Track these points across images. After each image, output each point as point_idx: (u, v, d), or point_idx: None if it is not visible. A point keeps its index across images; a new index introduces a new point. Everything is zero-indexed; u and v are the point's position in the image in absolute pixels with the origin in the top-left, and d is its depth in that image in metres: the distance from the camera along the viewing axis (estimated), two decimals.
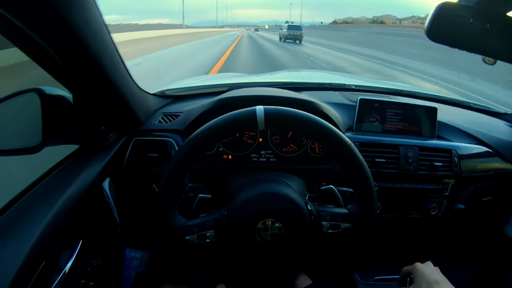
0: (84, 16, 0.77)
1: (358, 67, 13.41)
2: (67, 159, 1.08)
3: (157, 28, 51.79)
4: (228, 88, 1.58)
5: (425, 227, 1.51)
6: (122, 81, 1.05)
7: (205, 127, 0.86)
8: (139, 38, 23.57)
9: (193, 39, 30.44)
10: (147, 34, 29.28)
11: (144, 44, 19.29)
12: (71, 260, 0.95)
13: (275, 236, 0.90)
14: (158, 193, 0.89)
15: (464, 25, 0.80)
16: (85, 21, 0.77)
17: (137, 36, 25.07)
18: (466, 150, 1.44)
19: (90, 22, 0.80)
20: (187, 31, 51.50)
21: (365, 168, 0.89)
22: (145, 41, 22.61)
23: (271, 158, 1.38)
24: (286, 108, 0.86)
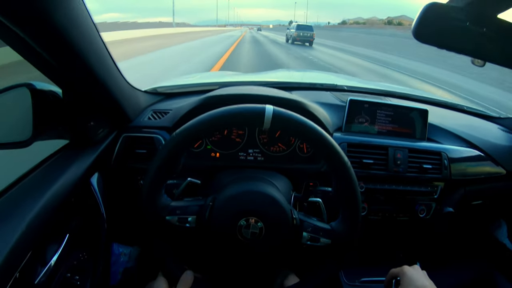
0: (70, 15, 0.77)
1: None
2: (56, 154, 1.08)
3: (144, 26, 45.93)
4: (219, 86, 1.58)
5: (413, 229, 1.52)
6: (111, 78, 1.06)
7: (213, 112, 0.86)
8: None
9: (182, 41, 24.59)
10: (121, 35, 23.16)
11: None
12: (57, 253, 0.96)
13: (255, 236, 0.90)
14: (151, 167, 0.88)
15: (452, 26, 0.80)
16: (71, 20, 0.78)
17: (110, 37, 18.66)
18: (457, 153, 1.44)
19: (77, 21, 0.81)
20: (177, 31, 44.16)
21: (356, 191, 0.90)
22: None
23: (258, 157, 1.38)
24: (295, 114, 0.87)
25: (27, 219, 0.80)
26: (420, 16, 0.79)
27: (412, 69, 13.68)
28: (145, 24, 67.54)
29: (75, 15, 0.80)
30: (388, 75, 11.93)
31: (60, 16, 0.74)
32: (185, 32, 43.75)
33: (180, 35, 35.49)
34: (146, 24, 67.31)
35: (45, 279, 0.90)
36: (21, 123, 0.95)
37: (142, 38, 25.81)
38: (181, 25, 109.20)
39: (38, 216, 0.83)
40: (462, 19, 0.79)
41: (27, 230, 0.79)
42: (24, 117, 0.94)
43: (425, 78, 11.21)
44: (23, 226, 0.78)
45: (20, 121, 0.95)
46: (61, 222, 1.02)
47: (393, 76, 11.77)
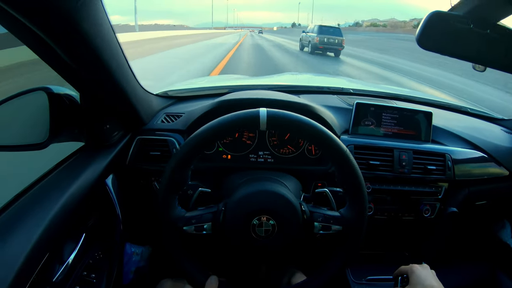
0: (94, 21, 0.80)
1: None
2: (73, 156, 1.12)
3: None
4: (229, 90, 1.62)
5: (418, 229, 1.54)
6: (128, 83, 1.09)
7: (210, 124, 0.91)
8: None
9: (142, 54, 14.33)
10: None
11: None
12: (74, 252, 0.99)
13: (269, 233, 0.94)
14: (161, 183, 0.93)
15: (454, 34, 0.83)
16: (94, 26, 0.81)
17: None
18: (461, 154, 1.46)
19: (99, 27, 0.84)
20: (145, 36, 28.94)
21: (358, 175, 0.94)
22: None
23: (268, 159, 1.42)
24: (288, 112, 0.91)
25: (46, 219, 0.83)
26: (423, 25, 0.82)
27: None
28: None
29: (99, 22, 0.83)
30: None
31: (86, 25, 0.78)
32: (165, 37, 32.82)
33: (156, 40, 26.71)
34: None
35: (62, 277, 0.93)
36: (38, 125, 0.98)
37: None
38: (179, 27, 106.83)
39: (57, 216, 0.86)
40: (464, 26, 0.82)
41: (47, 229, 0.82)
42: (41, 120, 0.97)
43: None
44: (43, 226, 0.81)
45: (37, 123, 0.98)
46: (79, 221, 1.06)
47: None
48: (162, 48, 19.29)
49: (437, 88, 9.36)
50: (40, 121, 0.97)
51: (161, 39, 28.84)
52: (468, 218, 1.58)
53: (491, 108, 1.96)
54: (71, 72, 0.94)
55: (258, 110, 0.90)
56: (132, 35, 28.09)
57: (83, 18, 0.76)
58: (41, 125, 0.97)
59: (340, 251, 0.99)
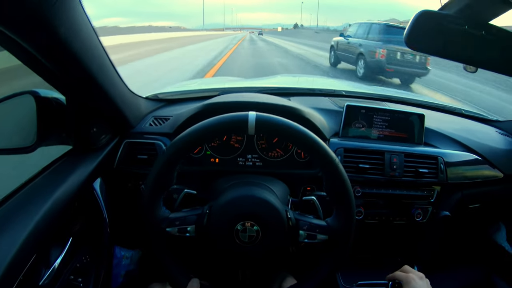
0: (71, 24, 0.80)
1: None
2: (60, 159, 1.11)
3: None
4: (220, 92, 1.61)
5: (410, 233, 1.53)
6: (112, 86, 1.09)
7: (197, 126, 0.90)
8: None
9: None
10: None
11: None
12: (61, 256, 0.99)
13: (252, 238, 0.93)
14: (146, 184, 0.92)
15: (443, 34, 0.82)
16: (72, 29, 0.81)
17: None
18: (454, 157, 1.45)
19: (78, 30, 0.83)
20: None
21: (346, 183, 0.92)
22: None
23: (257, 162, 1.41)
24: (277, 117, 0.90)
25: (32, 222, 0.83)
26: (411, 24, 0.81)
27: None
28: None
29: (77, 26, 0.82)
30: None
31: (63, 28, 0.77)
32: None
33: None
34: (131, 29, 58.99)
35: (49, 281, 0.92)
36: (25, 129, 0.98)
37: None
38: (175, 29, 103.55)
39: (43, 220, 0.86)
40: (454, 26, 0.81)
41: (32, 233, 0.81)
42: (29, 123, 0.97)
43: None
44: (28, 229, 0.81)
45: (25, 127, 0.98)
46: (65, 225, 1.05)
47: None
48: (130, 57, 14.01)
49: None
50: (27, 124, 0.97)
51: (139, 44, 23.16)
52: (462, 221, 1.57)
53: (487, 108, 1.95)
54: (53, 76, 0.93)
55: (247, 113, 0.89)
56: (112, 38, 24.25)
57: (59, 21, 0.75)
58: (28, 128, 0.97)
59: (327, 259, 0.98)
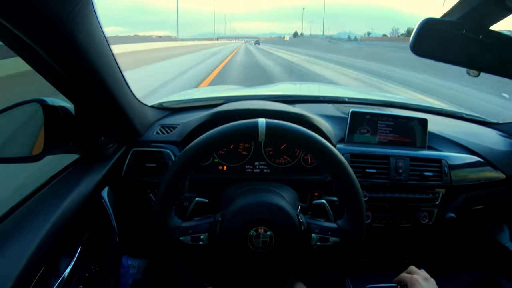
0: (87, 32, 0.80)
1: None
2: (68, 168, 1.11)
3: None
4: (224, 100, 1.62)
5: (417, 235, 1.53)
6: (122, 94, 1.09)
7: (208, 134, 0.91)
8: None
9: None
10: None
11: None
12: (70, 265, 0.98)
13: (266, 244, 0.94)
14: (158, 194, 0.93)
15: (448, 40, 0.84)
16: (88, 37, 0.81)
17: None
18: (457, 160, 1.47)
19: (92, 38, 0.84)
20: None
21: (356, 185, 0.94)
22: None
23: (264, 169, 1.41)
24: (287, 123, 0.92)
25: (42, 232, 0.83)
26: (416, 32, 0.83)
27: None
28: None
29: (92, 34, 0.83)
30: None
31: (79, 35, 0.78)
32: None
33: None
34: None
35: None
36: (33, 137, 0.99)
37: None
38: (164, 39, 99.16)
39: (52, 229, 0.86)
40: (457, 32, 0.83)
41: (42, 243, 0.81)
42: (36, 132, 0.97)
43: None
44: (38, 239, 0.81)
45: (32, 135, 0.99)
46: (74, 234, 1.05)
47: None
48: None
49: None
50: (34, 133, 0.98)
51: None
52: (466, 223, 1.58)
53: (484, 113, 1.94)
54: (65, 84, 0.94)
55: (257, 120, 0.90)
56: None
57: (76, 28, 0.76)
58: (36, 137, 0.97)
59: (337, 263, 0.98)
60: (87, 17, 0.79)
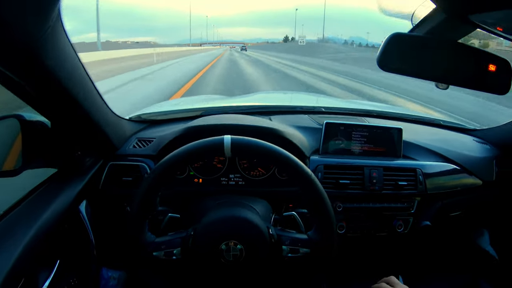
0: (58, 53, 0.81)
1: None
2: (45, 183, 1.12)
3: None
4: (202, 112, 1.64)
5: (392, 244, 1.56)
6: (96, 109, 1.10)
7: (177, 152, 0.95)
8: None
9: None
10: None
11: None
12: (49, 279, 1.00)
13: (237, 257, 0.96)
14: (131, 211, 0.95)
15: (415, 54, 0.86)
16: (59, 59, 0.82)
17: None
18: (432, 168, 1.49)
19: (64, 59, 0.85)
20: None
21: (323, 197, 0.96)
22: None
23: (239, 182, 1.43)
24: (251, 139, 0.95)
25: (20, 246, 0.84)
26: (383, 47, 0.84)
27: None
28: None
29: (63, 56, 0.84)
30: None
31: (50, 59, 0.79)
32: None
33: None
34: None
35: None
36: (11, 152, 0.99)
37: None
38: (142, 44, 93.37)
39: (30, 244, 0.87)
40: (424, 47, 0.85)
41: (20, 258, 0.82)
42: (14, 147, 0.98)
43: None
44: (16, 254, 0.82)
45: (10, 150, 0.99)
46: (52, 248, 1.06)
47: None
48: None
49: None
50: (12, 148, 0.98)
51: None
52: (444, 229, 1.61)
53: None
54: (38, 102, 0.95)
55: (222, 137, 0.94)
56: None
57: (46, 52, 0.76)
58: (13, 152, 0.98)
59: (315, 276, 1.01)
60: (59, 36, 0.80)
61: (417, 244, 1.59)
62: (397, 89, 11.40)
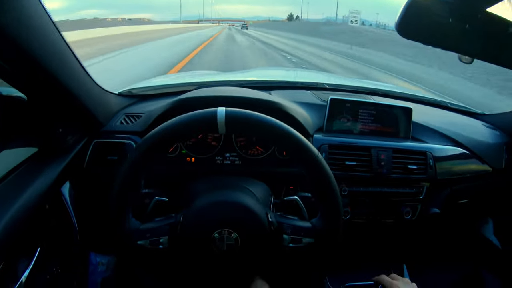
0: (20, 16, 0.72)
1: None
2: (25, 163, 1.03)
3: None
4: (196, 86, 1.54)
5: (399, 231, 1.50)
6: (77, 83, 1.01)
7: (162, 126, 0.83)
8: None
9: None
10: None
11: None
12: (29, 268, 0.93)
13: (231, 247, 0.88)
14: (111, 194, 0.85)
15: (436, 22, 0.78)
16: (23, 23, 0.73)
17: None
18: (442, 152, 1.42)
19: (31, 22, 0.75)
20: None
21: (331, 181, 0.86)
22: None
23: (236, 161, 1.34)
24: (250, 112, 0.83)
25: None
26: (403, 11, 0.76)
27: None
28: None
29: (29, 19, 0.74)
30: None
31: (10, 19, 0.69)
32: None
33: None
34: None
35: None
36: None
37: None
38: (136, 22, 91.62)
39: (6, 228, 0.79)
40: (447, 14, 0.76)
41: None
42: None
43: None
44: None
45: None
46: (32, 234, 0.99)
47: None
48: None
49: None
50: None
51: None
52: (451, 217, 1.55)
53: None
54: (11, 76, 0.86)
55: (216, 109, 0.82)
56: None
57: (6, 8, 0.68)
58: None
59: None
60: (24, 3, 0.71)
61: (423, 232, 1.53)
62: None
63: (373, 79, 9.55)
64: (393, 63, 15.77)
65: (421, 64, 14.91)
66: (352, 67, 14.21)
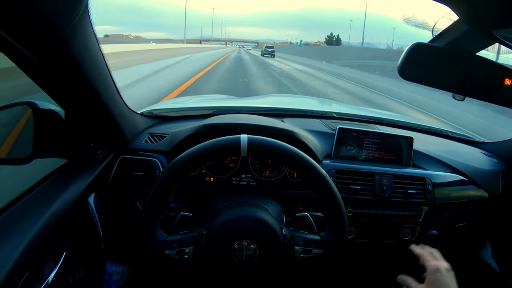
0: (83, 43, 0.82)
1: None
2: (55, 173, 1.11)
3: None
4: (214, 111, 1.63)
5: (399, 251, 1.55)
6: (113, 102, 1.10)
7: (192, 150, 0.94)
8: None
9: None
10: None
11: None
12: (54, 271, 0.98)
13: (250, 257, 0.96)
14: (143, 208, 0.95)
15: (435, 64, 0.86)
16: (84, 48, 0.83)
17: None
18: (441, 178, 1.49)
19: (88, 49, 0.85)
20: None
21: (338, 199, 0.97)
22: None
23: (251, 182, 1.43)
24: (268, 139, 0.95)
25: (26, 238, 0.83)
26: (405, 55, 0.85)
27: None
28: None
29: (88, 45, 0.84)
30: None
31: (76, 46, 0.79)
32: None
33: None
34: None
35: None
36: (21, 140, 0.98)
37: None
38: (141, 40, 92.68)
39: (37, 235, 0.86)
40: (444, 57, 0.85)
41: (26, 248, 0.81)
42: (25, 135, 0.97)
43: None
44: (22, 245, 0.81)
45: (21, 138, 0.99)
46: (59, 240, 1.04)
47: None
48: None
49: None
50: (24, 135, 0.98)
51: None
52: (448, 240, 1.60)
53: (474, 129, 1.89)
54: (56, 89, 0.95)
55: (239, 136, 0.94)
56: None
57: (72, 39, 0.77)
58: (24, 140, 0.97)
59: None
60: (85, 26, 0.80)
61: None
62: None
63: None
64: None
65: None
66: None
